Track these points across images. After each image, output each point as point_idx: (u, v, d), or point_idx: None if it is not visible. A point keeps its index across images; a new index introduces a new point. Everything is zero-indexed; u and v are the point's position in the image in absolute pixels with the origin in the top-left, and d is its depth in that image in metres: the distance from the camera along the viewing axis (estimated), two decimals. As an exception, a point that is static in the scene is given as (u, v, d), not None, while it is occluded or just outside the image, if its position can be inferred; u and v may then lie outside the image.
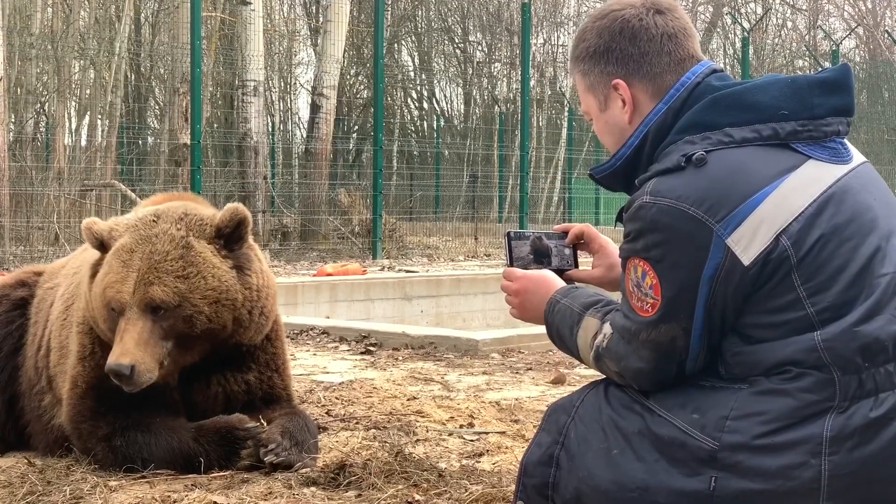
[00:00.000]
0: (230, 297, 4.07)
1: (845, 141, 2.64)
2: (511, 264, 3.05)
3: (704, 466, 2.46)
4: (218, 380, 4.25)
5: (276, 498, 3.69)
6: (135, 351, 3.89)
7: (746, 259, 2.46)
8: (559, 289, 2.90)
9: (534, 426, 4.87)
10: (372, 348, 7.80)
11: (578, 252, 3.20)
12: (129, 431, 4.11)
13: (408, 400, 5.59)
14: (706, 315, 2.51)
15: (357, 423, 5.04)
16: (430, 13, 35.56)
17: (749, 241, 2.46)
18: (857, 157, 2.66)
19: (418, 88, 36.29)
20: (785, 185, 2.50)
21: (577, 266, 3.15)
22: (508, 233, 3.10)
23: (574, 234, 3.15)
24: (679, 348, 2.55)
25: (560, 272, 3.04)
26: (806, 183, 2.52)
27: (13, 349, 4.75)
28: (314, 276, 12.94)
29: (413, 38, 36.04)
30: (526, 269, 3.04)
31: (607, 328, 2.67)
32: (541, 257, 3.10)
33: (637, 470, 2.54)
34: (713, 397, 2.52)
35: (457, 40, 35.34)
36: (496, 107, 30.71)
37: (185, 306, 3.99)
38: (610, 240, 3.17)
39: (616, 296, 2.83)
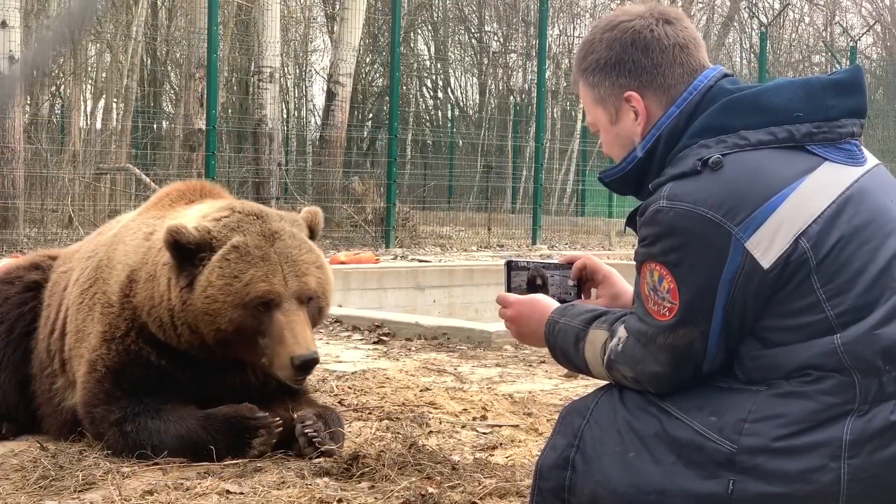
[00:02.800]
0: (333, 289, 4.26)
1: (859, 142, 2.63)
2: (508, 291, 3.06)
3: (722, 469, 2.45)
4: (236, 370, 4.26)
5: (288, 487, 3.70)
6: (313, 337, 4.03)
7: (766, 262, 2.45)
8: (555, 309, 2.88)
9: (547, 420, 4.88)
10: (385, 338, 7.80)
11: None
12: (140, 417, 4.12)
13: (421, 391, 5.59)
14: (724, 318, 2.50)
15: (370, 413, 5.04)
16: (447, 2, 35.50)
17: (769, 244, 2.45)
18: (871, 159, 2.65)
19: (433, 78, 36.26)
20: (803, 188, 2.48)
21: (580, 297, 3.13)
22: (508, 262, 3.11)
23: (577, 267, 3.12)
24: (697, 351, 2.54)
25: (561, 302, 3.00)
26: (824, 185, 2.51)
27: (25, 331, 4.75)
28: (327, 263, 12.91)
29: (429, 28, 35.99)
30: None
31: (622, 331, 2.65)
32: (536, 287, 3.08)
33: (654, 473, 2.53)
34: (731, 399, 2.51)
35: (473, 30, 35.27)
36: (511, 97, 30.66)
37: (321, 297, 4.15)
38: (614, 269, 3.14)
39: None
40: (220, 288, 3.96)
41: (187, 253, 4.00)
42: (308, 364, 3.93)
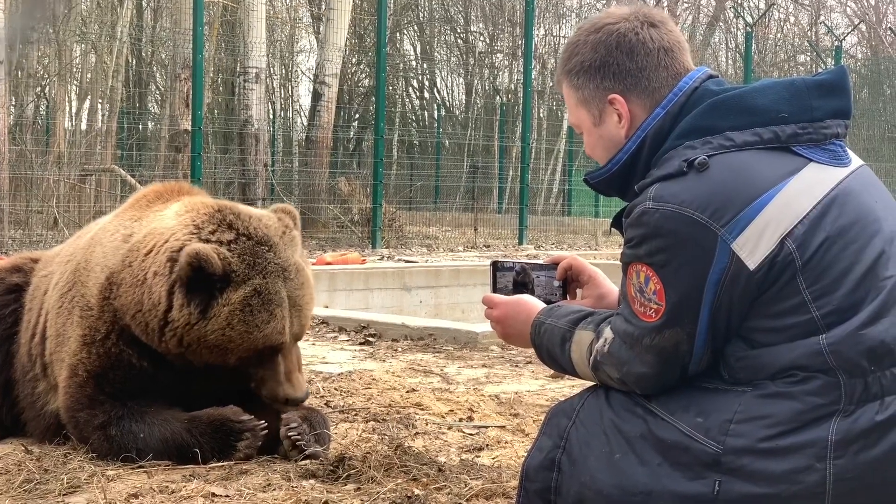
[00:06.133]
0: None
1: (844, 143, 2.63)
2: (493, 292, 3.06)
3: (708, 470, 2.45)
4: (217, 371, 4.25)
5: (274, 490, 3.68)
6: (303, 378, 4.22)
7: (752, 263, 2.45)
8: (541, 310, 2.89)
9: (533, 421, 4.87)
10: (371, 339, 7.79)
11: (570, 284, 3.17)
12: (124, 421, 4.10)
13: (407, 392, 5.58)
14: (711, 319, 2.50)
15: (356, 414, 5.04)
16: (433, 3, 35.47)
17: (754, 245, 2.45)
18: (856, 159, 2.66)
19: (420, 78, 36.24)
20: (788, 188, 2.49)
21: (566, 297, 3.13)
22: (494, 262, 3.11)
23: (563, 268, 3.13)
24: (683, 353, 2.54)
25: (547, 303, 3.00)
26: (809, 185, 2.51)
27: (7, 334, 4.72)
28: (313, 264, 12.87)
29: (415, 28, 35.96)
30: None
31: (608, 332, 2.65)
32: (522, 287, 3.08)
33: (640, 474, 2.53)
34: (717, 400, 2.51)
35: (459, 30, 35.26)
36: (497, 97, 30.66)
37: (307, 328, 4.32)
38: (599, 270, 3.14)
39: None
40: (241, 333, 3.98)
41: (205, 279, 3.96)
42: (297, 402, 4.14)
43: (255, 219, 4.16)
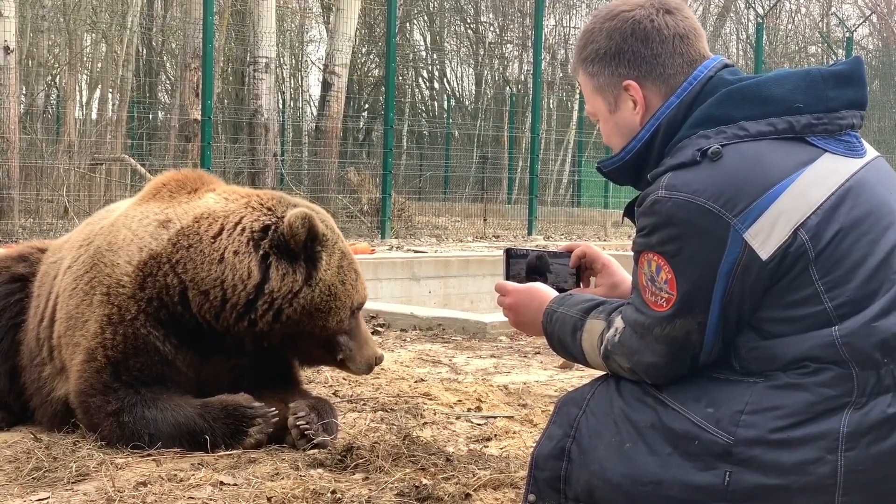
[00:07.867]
0: None
1: (858, 134, 2.62)
2: (506, 279, 3.05)
3: (719, 461, 2.44)
4: (232, 357, 4.27)
5: (282, 479, 3.68)
6: None
7: (764, 253, 2.44)
8: (553, 298, 2.88)
9: (542, 411, 4.86)
10: (380, 328, 7.80)
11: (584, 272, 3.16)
12: (137, 408, 4.12)
13: (415, 382, 5.59)
14: (722, 309, 2.49)
15: (364, 404, 5.04)
16: (443, -8, 35.44)
17: (767, 235, 2.44)
18: (871, 151, 2.64)
19: (429, 68, 36.21)
20: (802, 179, 2.47)
21: (579, 285, 3.12)
22: (507, 250, 3.10)
23: (576, 256, 3.12)
24: (694, 342, 2.53)
25: (559, 291, 2.99)
26: (823, 176, 2.49)
27: (13, 322, 4.74)
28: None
29: (425, 18, 35.93)
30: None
31: (619, 322, 2.64)
32: (535, 275, 3.07)
33: (650, 464, 2.52)
34: (728, 391, 2.50)
35: (469, 20, 35.21)
36: (507, 88, 30.62)
37: None
38: (613, 258, 3.13)
39: None
40: (343, 293, 4.25)
41: (302, 248, 4.17)
42: (380, 361, 4.46)
43: (306, 203, 4.45)
